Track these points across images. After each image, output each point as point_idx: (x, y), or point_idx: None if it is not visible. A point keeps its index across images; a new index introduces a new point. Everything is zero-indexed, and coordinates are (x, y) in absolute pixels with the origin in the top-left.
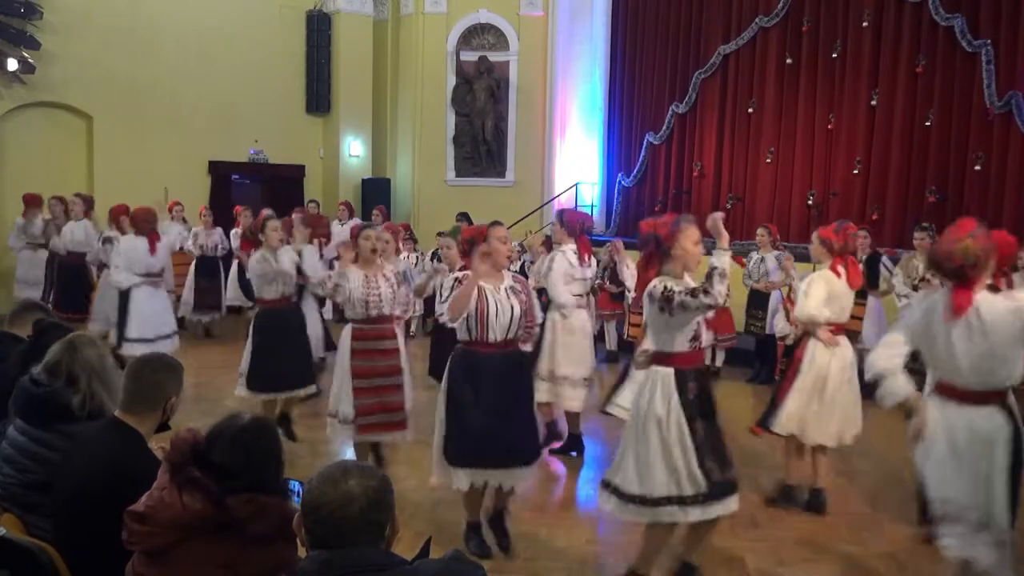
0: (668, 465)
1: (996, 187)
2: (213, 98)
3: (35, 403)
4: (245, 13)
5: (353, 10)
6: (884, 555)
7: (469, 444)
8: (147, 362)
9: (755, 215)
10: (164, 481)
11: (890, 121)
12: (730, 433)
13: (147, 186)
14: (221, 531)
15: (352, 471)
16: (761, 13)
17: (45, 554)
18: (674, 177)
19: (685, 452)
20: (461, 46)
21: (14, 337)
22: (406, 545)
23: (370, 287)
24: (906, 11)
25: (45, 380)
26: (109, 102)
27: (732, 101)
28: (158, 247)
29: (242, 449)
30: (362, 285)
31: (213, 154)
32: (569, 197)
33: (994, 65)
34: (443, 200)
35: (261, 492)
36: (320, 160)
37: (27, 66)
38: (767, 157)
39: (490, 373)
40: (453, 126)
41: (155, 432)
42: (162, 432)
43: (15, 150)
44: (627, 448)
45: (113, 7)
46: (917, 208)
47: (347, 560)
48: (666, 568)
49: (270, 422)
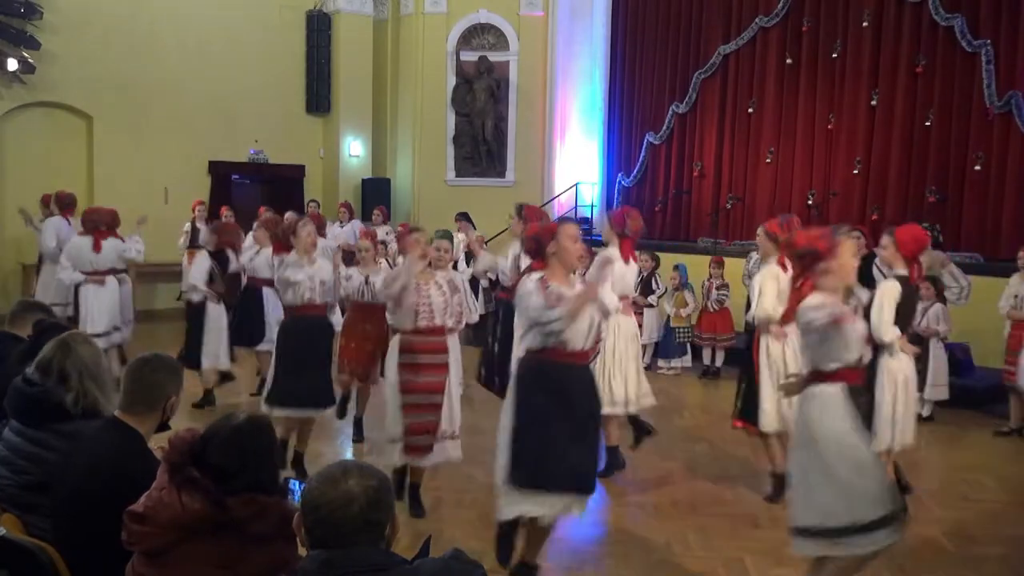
0: (874, 481)
1: (996, 187)
2: (213, 98)
3: (29, 403)
4: (245, 13)
5: (353, 10)
6: (884, 555)
7: (552, 465)
8: (147, 362)
9: (755, 215)
10: (163, 481)
11: (890, 121)
12: (736, 435)
13: (147, 186)
14: (220, 531)
15: (352, 471)
16: (761, 13)
17: (45, 554)
18: (674, 177)
19: (877, 466)
20: (461, 46)
21: (14, 337)
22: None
23: (420, 295)
24: (906, 11)
25: (38, 379)
26: (109, 102)
27: (732, 101)
28: (104, 246)
29: (237, 449)
30: (412, 293)
31: (213, 154)
32: (569, 197)
33: (994, 65)
34: (443, 200)
35: (259, 492)
36: (320, 160)
37: (27, 66)
38: (767, 157)
39: (571, 386)
40: (453, 126)
41: (155, 432)
42: (162, 432)
43: (15, 150)
44: (810, 482)
45: (113, 7)
46: (917, 208)
47: (347, 560)
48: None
49: (266, 421)
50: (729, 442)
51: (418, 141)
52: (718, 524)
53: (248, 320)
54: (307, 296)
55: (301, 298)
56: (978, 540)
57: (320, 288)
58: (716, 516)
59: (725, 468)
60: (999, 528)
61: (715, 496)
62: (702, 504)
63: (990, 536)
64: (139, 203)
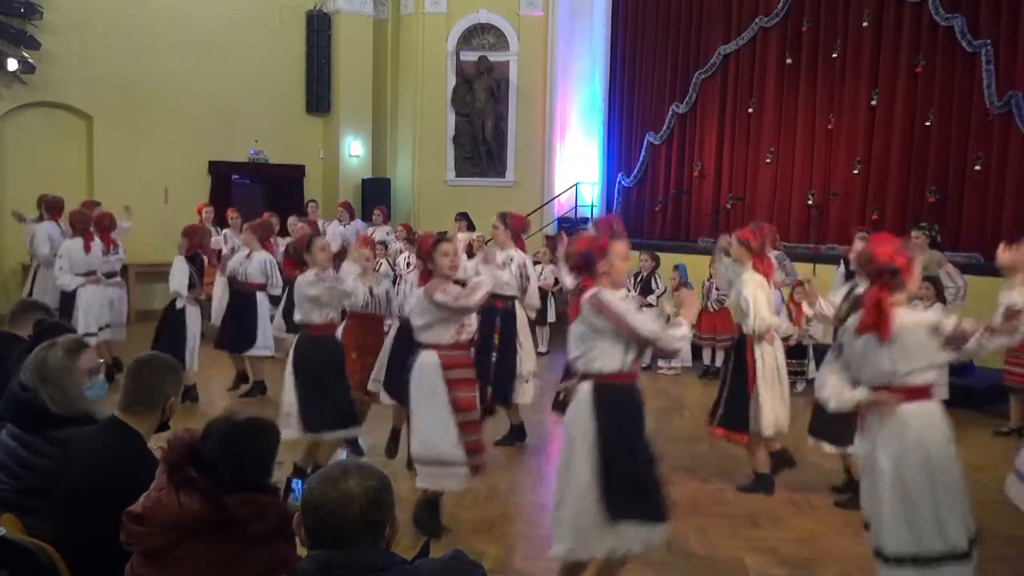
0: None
1: (996, 187)
2: (213, 98)
3: (22, 407)
4: (245, 13)
5: (353, 10)
6: None
7: (651, 494)
8: (146, 362)
9: (755, 215)
10: (161, 482)
11: (890, 121)
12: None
13: (147, 186)
14: (219, 531)
15: (352, 471)
16: (761, 13)
17: (45, 554)
18: (674, 177)
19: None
20: (461, 46)
21: (14, 337)
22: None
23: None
24: (906, 11)
25: (29, 384)
26: (109, 102)
27: (732, 101)
28: (92, 246)
29: (233, 447)
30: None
31: (213, 154)
32: (569, 197)
33: (994, 65)
34: (443, 200)
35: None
36: (320, 160)
37: (27, 66)
38: (767, 157)
39: (638, 407)
40: (453, 126)
41: (155, 432)
42: (162, 432)
43: (15, 150)
44: (912, 503)
45: (113, 7)
46: (917, 208)
47: (347, 560)
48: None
49: (268, 423)
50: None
51: (418, 141)
52: (718, 524)
53: (239, 326)
54: (334, 315)
55: (324, 315)
56: (978, 540)
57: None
58: (716, 516)
59: (725, 468)
60: (999, 528)
61: (715, 496)
62: (702, 504)
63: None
64: (139, 203)
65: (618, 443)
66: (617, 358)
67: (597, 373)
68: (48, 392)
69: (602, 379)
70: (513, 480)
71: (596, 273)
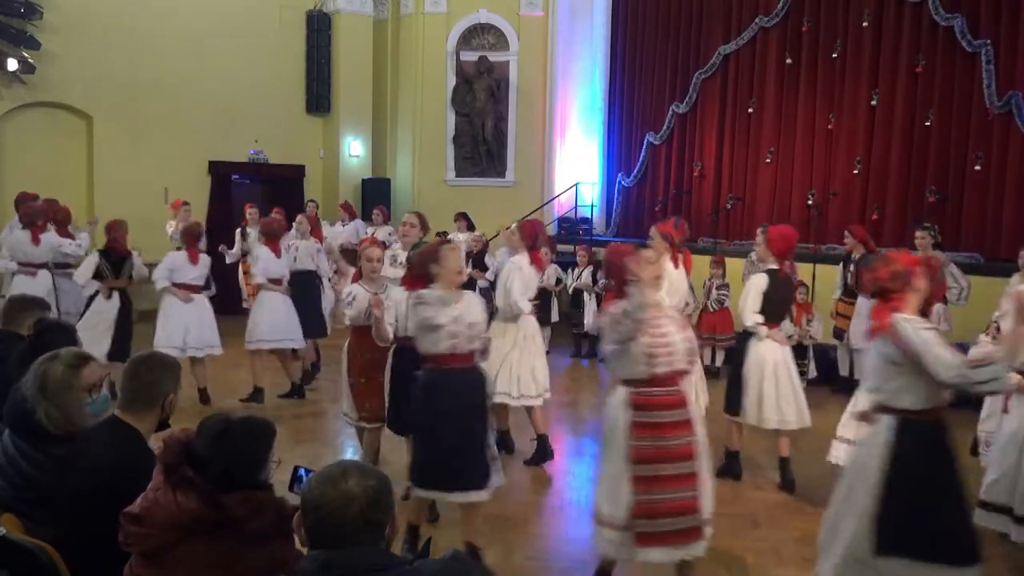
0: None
1: (996, 187)
2: (213, 98)
3: (21, 419)
4: (245, 13)
5: (353, 10)
6: None
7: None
8: (143, 361)
9: (755, 215)
10: (158, 482)
11: (890, 121)
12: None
13: (147, 186)
14: (218, 531)
15: (352, 471)
16: (761, 13)
17: (45, 554)
18: (674, 177)
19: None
20: (461, 46)
21: (16, 336)
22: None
23: (654, 333)
24: (906, 11)
25: (29, 396)
26: (109, 102)
27: (732, 101)
28: (42, 239)
29: (226, 444)
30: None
31: (213, 154)
32: (569, 197)
33: (994, 65)
34: (443, 200)
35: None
36: (320, 160)
37: (27, 66)
38: (767, 157)
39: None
40: (453, 126)
41: (155, 430)
42: (162, 430)
43: (15, 150)
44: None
45: (113, 7)
46: (917, 208)
47: (347, 560)
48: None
49: (263, 421)
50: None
51: (418, 141)
52: (718, 524)
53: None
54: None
55: (447, 346)
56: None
57: (468, 332)
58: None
59: None
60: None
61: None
62: None
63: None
64: (139, 203)
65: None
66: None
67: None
68: (45, 409)
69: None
70: (513, 480)
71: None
